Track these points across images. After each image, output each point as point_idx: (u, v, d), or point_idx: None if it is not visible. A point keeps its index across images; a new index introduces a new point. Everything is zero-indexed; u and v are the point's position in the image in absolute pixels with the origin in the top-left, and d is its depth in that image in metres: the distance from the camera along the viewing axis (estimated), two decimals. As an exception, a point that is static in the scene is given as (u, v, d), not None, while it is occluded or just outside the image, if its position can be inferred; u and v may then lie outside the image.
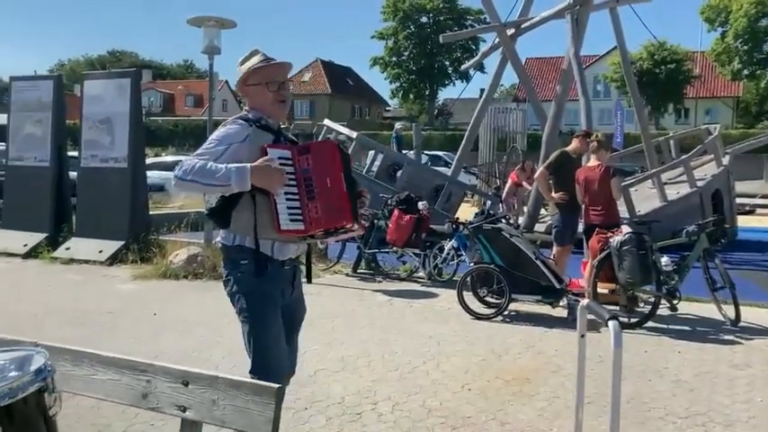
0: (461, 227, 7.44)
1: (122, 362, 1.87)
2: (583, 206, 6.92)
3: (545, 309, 6.72)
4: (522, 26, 11.94)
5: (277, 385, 1.70)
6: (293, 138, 3.01)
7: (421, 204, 8.55)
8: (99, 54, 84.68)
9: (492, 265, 6.58)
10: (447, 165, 25.59)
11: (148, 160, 21.81)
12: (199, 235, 9.53)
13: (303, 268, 3.12)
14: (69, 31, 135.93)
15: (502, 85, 62.84)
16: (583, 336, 2.39)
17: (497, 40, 12.17)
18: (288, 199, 2.68)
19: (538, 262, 6.47)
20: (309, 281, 3.24)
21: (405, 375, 4.81)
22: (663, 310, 6.55)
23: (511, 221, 12.29)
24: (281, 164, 2.69)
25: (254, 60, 2.85)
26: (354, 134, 12.00)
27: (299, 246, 2.85)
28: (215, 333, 5.68)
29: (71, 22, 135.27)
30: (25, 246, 9.49)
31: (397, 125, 19.54)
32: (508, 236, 6.59)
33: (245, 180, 2.56)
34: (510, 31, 11.92)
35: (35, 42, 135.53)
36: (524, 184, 12.88)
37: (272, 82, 2.82)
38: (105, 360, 1.89)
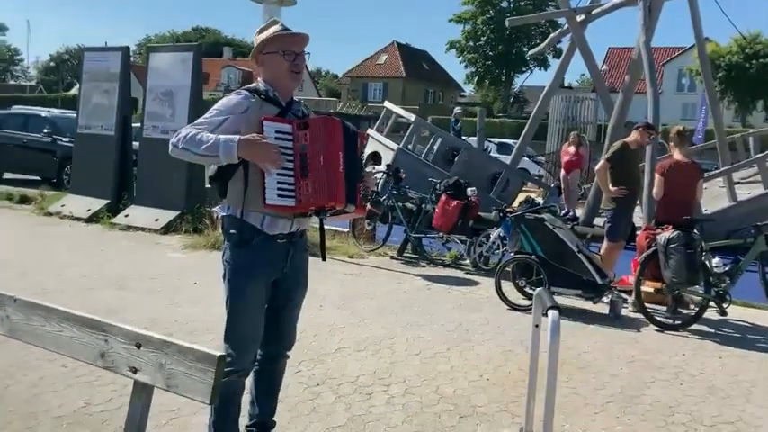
0: (509, 215, 7.29)
1: (86, 320, 1.91)
2: (655, 200, 6.57)
3: (588, 304, 6.53)
4: (593, 12, 11.53)
5: (219, 353, 1.68)
6: (304, 112, 2.96)
7: (470, 191, 8.43)
8: (184, 30, 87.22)
9: (532, 256, 6.43)
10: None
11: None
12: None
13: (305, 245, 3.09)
14: (158, 6, 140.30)
15: (583, 75, 61.35)
16: (537, 325, 2.27)
17: (567, 25, 11.81)
18: (281, 174, 2.65)
19: (580, 255, 6.27)
20: (323, 259, 3.15)
21: (425, 360, 4.76)
22: (712, 313, 6.27)
23: (570, 215, 12.07)
24: (278, 138, 2.66)
25: (274, 29, 2.84)
26: (413, 117, 11.93)
27: (292, 222, 2.81)
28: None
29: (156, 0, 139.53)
30: (88, 210, 9.90)
31: (456, 110, 19.24)
32: (551, 227, 6.40)
33: (231, 152, 2.56)
34: (580, 17, 11.54)
35: (128, 16, 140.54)
36: (571, 150, 12.58)
37: (288, 52, 2.80)
38: (71, 317, 1.93)
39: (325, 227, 8.75)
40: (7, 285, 5.83)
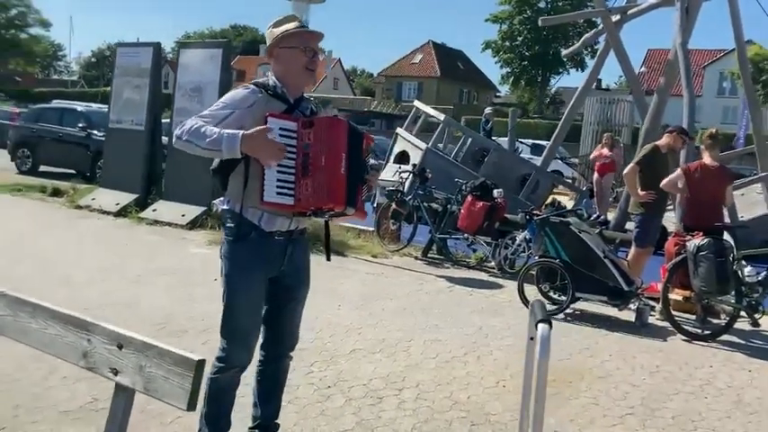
0: (534, 218, 7.14)
1: (70, 318, 1.86)
2: (681, 205, 6.37)
3: (614, 311, 6.36)
4: (629, 12, 11.26)
5: (198, 358, 1.62)
6: (313, 110, 2.91)
7: (496, 192, 8.28)
8: (222, 28, 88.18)
9: (557, 261, 6.28)
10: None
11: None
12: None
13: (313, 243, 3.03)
14: (198, 3, 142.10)
15: (621, 76, 60.26)
16: (531, 338, 2.15)
17: (601, 26, 11.57)
18: (282, 171, 2.62)
19: (606, 261, 6.10)
20: (328, 258, 3.17)
21: (440, 365, 4.67)
22: (744, 324, 6.05)
23: (600, 218, 11.83)
24: (282, 135, 2.62)
25: (294, 24, 2.80)
26: (442, 116, 11.79)
27: (291, 220, 2.76)
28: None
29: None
30: (117, 204, 9.99)
31: (487, 110, 19.01)
32: (577, 231, 6.24)
33: (234, 147, 2.52)
34: (615, 18, 11.28)
35: (168, 13, 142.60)
36: (604, 152, 12.32)
37: (309, 48, 2.76)
38: (57, 315, 1.89)
39: (350, 225, 8.63)
40: (30, 276, 5.90)
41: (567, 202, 13.13)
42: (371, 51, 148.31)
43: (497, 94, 67.33)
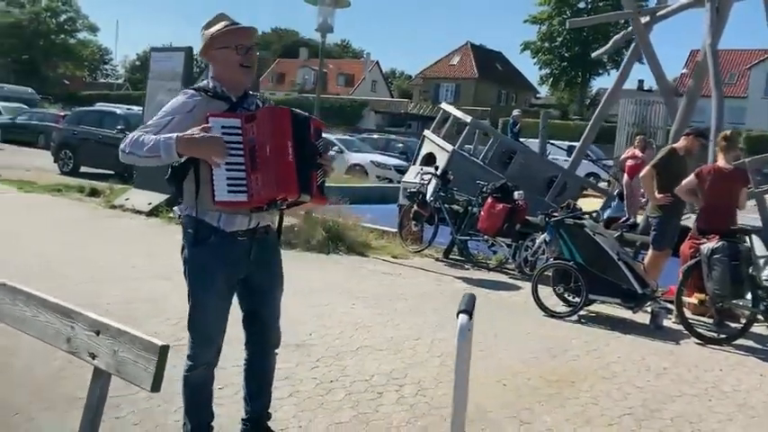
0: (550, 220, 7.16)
1: (58, 307, 2.03)
2: (696, 208, 6.34)
3: (630, 314, 6.35)
4: (658, 14, 11.15)
5: (161, 343, 1.76)
6: (259, 105, 2.88)
7: (517, 194, 8.32)
8: (263, 32, 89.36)
9: (571, 262, 6.30)
10: (587, 157, 24.51)
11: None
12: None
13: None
14: (243, 7, 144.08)
15: (664, 77, 59.06)
16: (470, 330, 2.23)
17: (631, 27, 11.47)
18: (230, 169, 2.62)
19: (620, 263, 6.10)
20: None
21: (444, 363, 4.75)
22: (762, 328, 6.00)
23: (630, 221, 11.72)
24: (225, 133, 2.62)
25: (223, 23, 2.82)
26: (469, 118, 11.84)
27: (250, 217, 2.79)
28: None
29: (239, 2, 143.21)
30: (149, 204, 10.30)
31: (515, 112, 18.95)
32: (591, 233, 6.26)
33: (171, 150, 2.56)
34: (644, 19, 11.19)
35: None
36: (637, 154, 12.18)
37: (240, 46, 2.78)
38: (46, 304, 2.06)
39: (373, 226, 8.78)
40: (59, 273, 6.16)
41: (597, 205, 13.05)
42: (410, 54, 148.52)
43: (537, 95, 66.83)
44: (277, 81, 68.54)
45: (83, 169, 15.73)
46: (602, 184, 18.95)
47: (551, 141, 18.75)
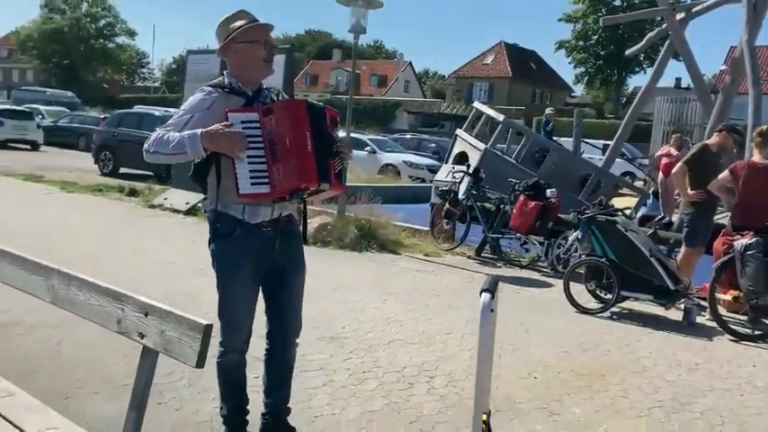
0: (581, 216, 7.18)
1: (109, 291, 2.17)
2: (732, 204, 6.30)
3: (663, 310, 6.34)
4: (693, 10, 11.06)
5: (206, 322, 1.89)
6: (274, 99, 2.95)
7: (549, 192, 8.34)
8: (297, 33, 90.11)
9: (603, 259, 6.32)
10: (623, 156, 24.25)
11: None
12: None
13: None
14: (275, 10, 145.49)
15: (703, 75, 57.97)
16: (492, 310, 2.33)
17: (666, 24, 11.38)
18: (252, 162, 2.71)
19: (652, 259, 6.10)
20: (305, 242, 3.18)
21: (475, 356, 4.81)
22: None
23: (665, 219, 11.62)
24: (245, 127, 2.70)
25: (248, 18, 2.89)
26: (501, 117, 11.87)
27: (273, 208, 2.87)
28: (310, 296, 5.99)
29: (277, 2, 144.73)
30: (187, 204, 10.56)
31: (548, 111, 18.87)
32: (623, 229, 6.27)
33: (196, 145, 2.64)
34: (679, 16, 11.10)
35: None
36: (672, 152, 12.04)
37: (266, 41, 2.87)
38: (99, 289, 2.20)
39: (405, 225, 8.88)
40: (101, 269, 6.39)
41: (632, 203, 12.94)
42: (443, 54, 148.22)
43: (572, 94, 66.22)
44: (310, 83, 69.07)
45: (122, 170, 16.12)
46: (638, 183, 18.78)
47: (586, 140, 18.61)
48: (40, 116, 27.19)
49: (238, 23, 2.88)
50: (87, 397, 3.67)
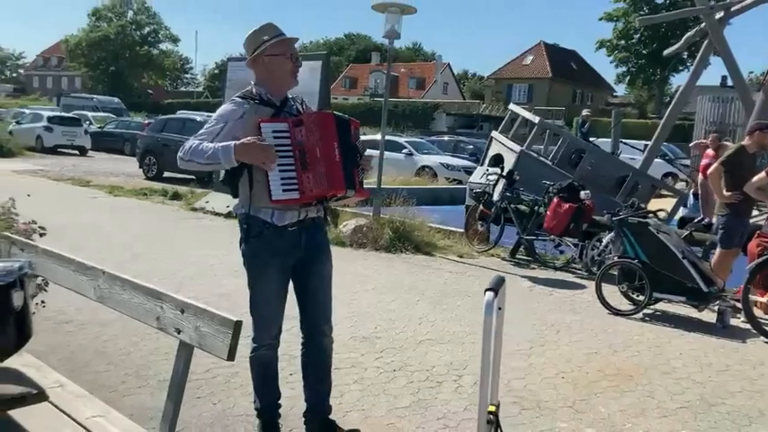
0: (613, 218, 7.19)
1: (148, 290, 2.35)
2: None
3: (697, 313, 6.32)
4: (733, 9, 10.90)
5: (236, 318, 2.05)
6: (299, 109, 3.13)
7: (583, 193, 8.35)
8: (337, 37, 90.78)
9: (635, 260, 6.34)
10: (664, 157, 23.89)
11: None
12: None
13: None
14: (315, 14, 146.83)
15: (752, 72, 56.43)
16: (500, 308, 2.44)
17: (704, 24, 11.25)
18: (283, 170, 2.87)
19: (685, 261, 6.10)
20: (335, 226, 3.35)
21: (504, 356, 4.91)
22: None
23: (705, 221, 11.47)
24: (276, 137, 2.87)
25: (275, 32, 3.05)
26: (537, 119, 11.87)
27: (299, 211, 3.03)
28: (344, 297, 6.16)
29: (317, 6, 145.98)
30: (227, 207, 10.80)
31: (584, 112, 18.70)
32: (655, 231, 6.28)
33: (230, 157, 2.81)
34: (718, 14, 10.96)
35: (288, 25, 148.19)
36: (710, 153, 11.84)
37: (293, 54, 3.04)
38: (139, 287, 2.39)
39: (440, 226, 9.05)
40: (144, 269, 6.65)
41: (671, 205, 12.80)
42: (482, 55, 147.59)
43: (614, 94, 65.27)
44: (350, 86, 69.49)
45: (166, 174, 16.57)
46: (680, 184, 18.51)
47: (624, 141, 18.41)
48: (88, 122, 28.08)
49: (266, 37, 3.04)
50: (131, 391, 3.88)
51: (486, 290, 2.28)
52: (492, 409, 2.49)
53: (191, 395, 3.86)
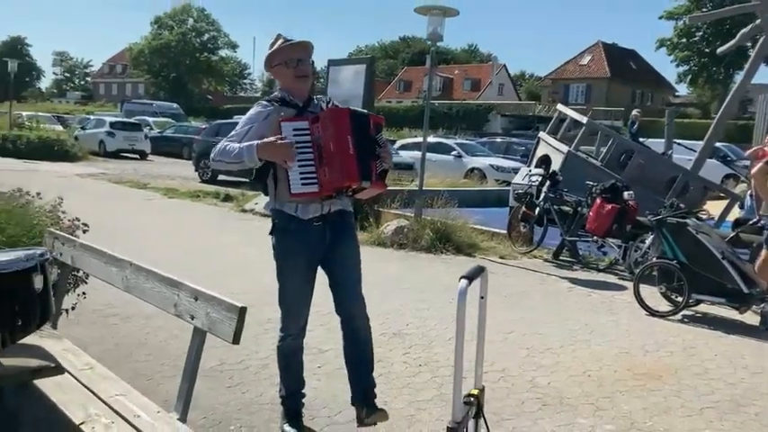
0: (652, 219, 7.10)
1: (167, 279, 2.53)
2: None
3: (739, 315, 6.21)
4: (788, 4, 10.56)
5: (241, 305, 2.20)
6: (323, 108, 3.25)
7: (627, 194, 8.25)
8: (391, 40, 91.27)
9: (673, 261, 6.26)
10: (724, 159, 23.19)
11: (400, 141, 23.36)
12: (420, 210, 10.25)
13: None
14: (371, 18, 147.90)
15: (820, 69, 53.96)
16: (482, 297, 2.53)
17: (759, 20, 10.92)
18: (302, 165, 3.03)
19: (724, 262, 6.00)
20: (360, 227, 3.51)
21: (532, 354, 4.97)
22: None
23: (760, 223, 11.14)
24: (296, 134, 3.04)
25: (278, 43, 3.22)
26: (584, 119, 11.77)
27: (322, 204, 3.18)
28: (379, 295, 6.29)
29: (374, 11, 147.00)
30: (274, 208, 11.13)
31: (634, 112, 18.34)
32: (694, 231, 6.19)
33: (252, 155, 3.00)
34: (774, 10, 10.63)
35: (343, 29, 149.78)
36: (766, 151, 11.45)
37: (290, 60, 3.18)
38: (160, 278, 2.57)
39: (482, 227, 9.12)
40: (193, 264, 6.92)
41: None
42: (539, 55, 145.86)
43: (676, 93, 63.58)
44: (404, 89, 69.76)
45: (220, 177, 17.04)
46: (741, 186, 17.93)
47: (678, 141, 17.96)
48: (149, 127, 29.05)
49: (269, 50, 3.26)
50: (166, 379, 4.09)
51: (461, 277, 2.36)
52: (474, 392, 2.57)
53: (222, 384, 4.06)
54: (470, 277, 2.31)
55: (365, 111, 3.24)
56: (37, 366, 2.29)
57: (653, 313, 6.24)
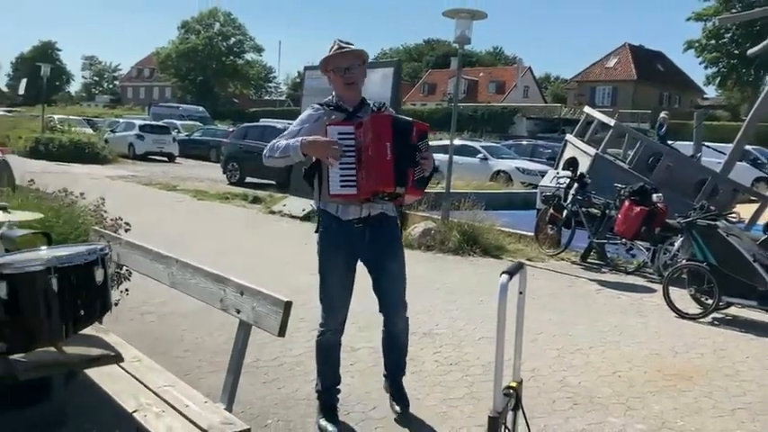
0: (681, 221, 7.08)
1: (213, 275, 2.64)
2: None
3: (771, 318, 6.19)
4: (821, 4, 10.45)
5: (286, 299, 2.28)
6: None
7: (655, 196, 8.24)
8: (416, 43, 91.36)
9: (703, 263, 6.25)
10: (755, 162, 22.87)
11: (432, 143, 23.52)
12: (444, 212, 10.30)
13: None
14: (394, 21, 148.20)
15: None
16: (521, 292, 2.59)
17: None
18: (343, 168, 3.15)
19: (756, 264, 5.98)
20: (401, 231, 3.68)
21: (563, 354, 5.00)
22: None
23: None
24: (341, 138, 3.15)
25: (332, 50, 3.38)
26: (612, 122, 11.74)
27: (361, 207, 3.29)
28: (408, 295, 6.32)
29: (393, 16, 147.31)
30: (303, 210, 11.25)
31: (662, 114, 18.18)
32: (724, 234, 6.18)
33: (297, 150, 3.17)
34: (805, 11, 10.54)
35: (366, 32, 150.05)
36: None
37: (338, 68, 3.34)
38: (206, 274, 2.68)
39: (509, 230, 9.17)
40: (223, 264, 7.03)
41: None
42: (565, 58, 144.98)
43: (704, 96, 62.79)
44: (428, 91, 69.76)
45: (248, 180, 17.25)
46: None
47: (707, 144, 17.78)
48: (176, 130, 29.44)
49: (323, 57, 3.42)
50: (204, 374, 4.21)
51: (502, 273, 2.43)
52: (513, 384, 2.64)
53: (258, 380, 4.16)
54: (511, 273, 2.37)
55: (410, 118, 3.32)
56: (98, 354, 2.40)
57: (682, 315, 6.23)
